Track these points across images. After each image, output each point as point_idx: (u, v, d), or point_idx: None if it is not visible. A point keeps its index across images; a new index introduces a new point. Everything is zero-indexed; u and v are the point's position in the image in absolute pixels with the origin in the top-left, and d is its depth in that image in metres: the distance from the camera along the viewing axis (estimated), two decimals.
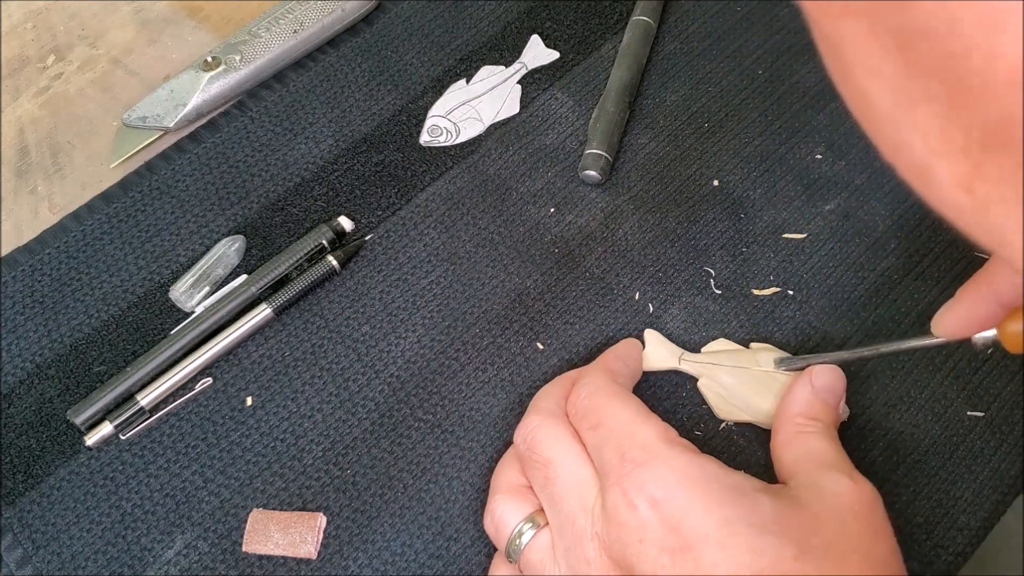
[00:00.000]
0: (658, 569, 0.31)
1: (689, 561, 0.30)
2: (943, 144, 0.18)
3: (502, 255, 0.46)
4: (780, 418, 0.38)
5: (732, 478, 0.32)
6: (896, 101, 0.18)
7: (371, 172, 0.48)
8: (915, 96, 0.18)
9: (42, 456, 0.42)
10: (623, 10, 0.53)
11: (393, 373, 0.43)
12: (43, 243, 0.47)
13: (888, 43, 0.18)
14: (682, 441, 0.33)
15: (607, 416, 0.34)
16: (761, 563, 0.30)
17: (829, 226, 0.46)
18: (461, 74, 0.51)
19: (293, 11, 0.52)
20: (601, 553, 0.32)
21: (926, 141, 0.18)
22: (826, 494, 0.33)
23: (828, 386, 0.38)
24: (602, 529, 0.32)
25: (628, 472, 0.32)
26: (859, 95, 0.19)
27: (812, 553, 0.30)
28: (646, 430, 0.33)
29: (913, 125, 0.18)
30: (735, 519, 0.31)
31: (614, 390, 0.36)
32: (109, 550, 0.39)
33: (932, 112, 0.18)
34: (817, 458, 0.35)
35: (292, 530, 0.39)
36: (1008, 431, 0.40)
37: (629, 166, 0.48)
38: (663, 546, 0.31)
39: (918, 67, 0.17)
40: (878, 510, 0.33)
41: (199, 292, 0.45)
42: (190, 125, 0.51)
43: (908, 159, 0.19)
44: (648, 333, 0.42)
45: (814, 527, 0.31)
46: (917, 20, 0.17)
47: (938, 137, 0.18)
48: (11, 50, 0.55)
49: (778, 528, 0.31)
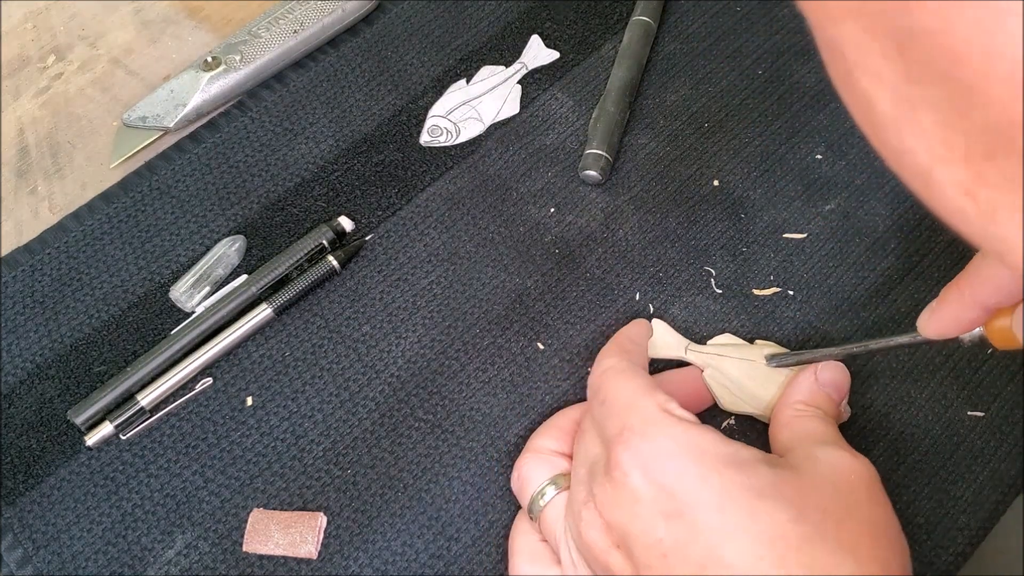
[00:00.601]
0: (653, 532, 0.31)
1: (684, 525, 0.31)
2: (945, 150, 0.18)
3: (502, 255, 0.46)
4: (780, 404, 0.38)
5: (729, 447, 0.33)
6: (898, 106, 0.18)
7: (371, 172, 0.48)
8: (916, 101, 0.18)
9: (42, 456, 0.42)
10: (623, 10, 0.53)
11: (393, 373, 0.43)
12: (43, 243, 0.47)
13: (889, 46, 0.18)
14: (681, 412, 0.34)
15: (612, 392, 0.35)
16: (757, 526, 0.30)
17: (829, 226, 0.46)
18: (461, 74, 0.51)
19: (293, 11, 0.52)
20: (597, 515, 0.33)
21: (928, 147, 0.18)
22: (822, 464, 0.33)
23: (832, 381, 0.38)
24: (599, 492, 0.33)
25: (626, 440, 0.33)
26: (861, 100, 0.19)
27: (809, 516, 0.31)
28: (646, 402, 0.34)
29: (915, 130, 0.18)
30: (731, 484, 0.31)
31: (622, 367, 0.36)
32: (109, 550, 0.39)
33: (934, 117, 0.18)
34: (814, 436, 0.36)
35: (292, 530, 0.39)
36: (1008, 431, 0.40)
37: (629, 166, 0.48)
38: (657, 510, 0.31)
39: (919, 70, 0.17)
40: (875, 482, 0.34)
41: (199, 292, 0.45)
42: (190, 125, 0.51)
43: (911, 165, 0.19)
44: (656, 322, 0.43)
45: (811, 492, 0.32)
46: (917, 20, 0.17)
47: (940, 143, 0.18)
48: (11, 50, 0.55)
49: (775, 493, 0.31)
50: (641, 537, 0.31)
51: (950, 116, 0.17)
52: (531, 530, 0.37)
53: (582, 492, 0.34)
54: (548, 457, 0.37)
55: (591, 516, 0.33)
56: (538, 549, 0.36)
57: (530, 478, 0.37)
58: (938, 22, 0.16)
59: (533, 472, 0.37)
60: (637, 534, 0.31)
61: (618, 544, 0.32)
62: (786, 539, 0.30)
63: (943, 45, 0.17)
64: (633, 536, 0.31)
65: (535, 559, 0.36)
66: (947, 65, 0.17)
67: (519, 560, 0.37)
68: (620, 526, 0.32)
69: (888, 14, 0.17)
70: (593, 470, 0.34)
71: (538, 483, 0.36)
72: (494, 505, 0.40)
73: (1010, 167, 0.17)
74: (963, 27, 0.16)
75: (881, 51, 0.18)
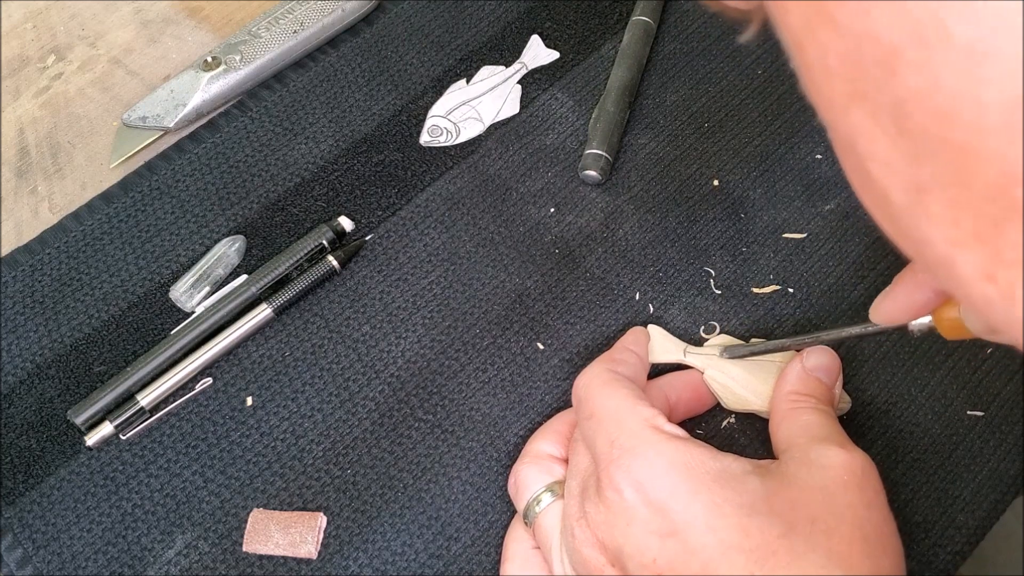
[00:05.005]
0: (647, 551, 0.31)
1: (678, 544, 0.31)
2: (959, 232, 0.17)
3: (502, 255, 0.46)
4: (774, 399, 0.38)
5: (719, 462, 0.33)
6: (908, 193, 0.18)
7: (371, 172, 0.48)
8: (925, 183, 0.17)
9: (42, 456, 0.42)
10: (623, 10, 0.53)
11: (393, 373, 0.43)
12: (43, 243, 0.47)
13: (890, 127, 0.17)
14: (670, 427, 0.34)
15: (598, 406, 0.35)
16: (749, 543, 0.30)
17: (829, 226, 0.46)
18: (461, 74, 0.51)
19: (293, 11, 0.52)
20: (589, 533, 0.33)
21: (943, 233, 0.18)
22: (815, 467, 0.33)
23: (820, 365, 0.38)
24: (591, 511, 0.33)
25: (616, 458, 0.33)
26: (878, 195, 0.19)
27: (799, 529, 0.31)
28: (634, 418, 0.34)
29: (928, 216, 0.18)
30: (722, 501, 0.31)
31: (605, 379, 0.36)
32: (109, 550, 0.39)
33: (942, 197, 0.17)
34: (809, 432, 0.36)
35: (292, 530, 0.39)
36: (1008, 431, 0.40)
37: (629, 166, 0.48)
38: (650, 529, 0.31)
39: (920, 145, 0.17)
40: (870, 479, 0.34)
41: (199, 292, 0.45)
42: (190, 125, 0.51)
43: (933, 258, 0.18)
44: (652, 327, 0.42)
45: (801, 503, 0.32)
46: (903, 83, 0.16)
47: (952, 225, 0.17)
48: (11, 50, 0.55)
49: (766, 507, 0.31)
50: (636, 556, 0.31)
51: (956, 191, 0.17)
52: (525, 537, 0.37)
53: (575, 507, 0.34)
54: (545, 463, 0.37)
55: (584, 534, 0.33)
56: (530, 556, 0.37)
57: (526, 484, 0.37)
58: (923, 79, 0.16)
59: (530, 478, 0.37)
60: (631, 553, 0.31)
61: (613, 562, 0.32)
62: (777, 556, 0.30)
63: (933, 107, 0.16)
64: (627, 555, 0.32)
65: (526, 566, 0.36)
66: (940, 129, 0.16)
67: (510, 566, 0.37)
68: (614, 545, 0.32)
69: (879, 84, 0.17)
70: (585, 485, 0.34)
71: (534, 490, 0.36)
72: (493, 505, 0.40)
73: (1019, 234, 0.16)
74: (948, 79, 0.15)
75: (885, 135, 0.17)
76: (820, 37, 0.17)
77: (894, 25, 0.16)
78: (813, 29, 0.18)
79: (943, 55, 0.15)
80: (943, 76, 0.15)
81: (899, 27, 0.15)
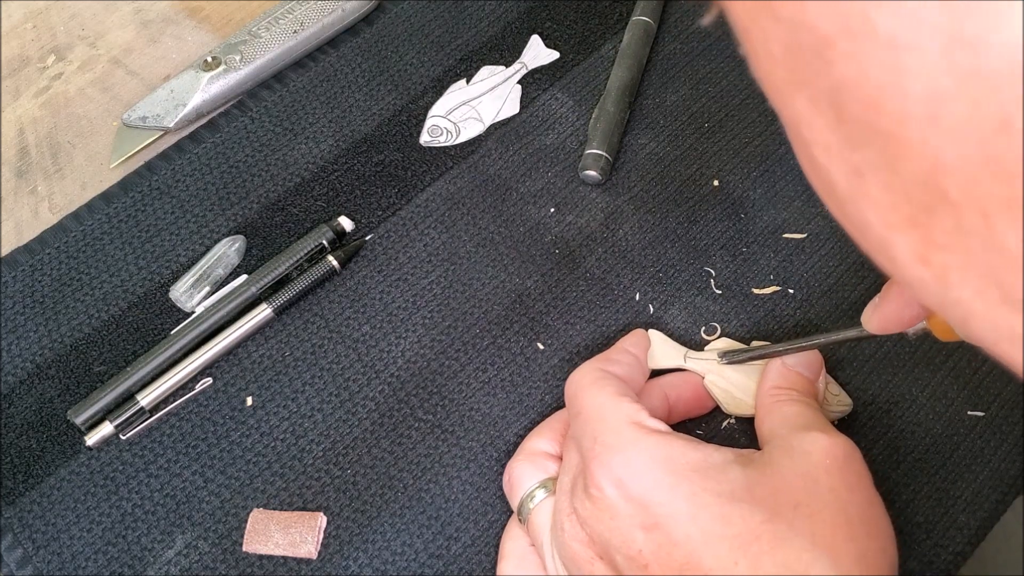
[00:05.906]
0: (632, 544, 0.32)
1: (662, 536, 0.31)
2: (893, 214, 0.17)
3: (502, 255, 0.46)
4: (758, 396, 0.39)
5: (699, 452, 0.33)
6: (848, 177, 0.18)
7: (371, 172, 0.48)
8: (863, 168, 0.17)
9: (42, 456, 0.42)
10: (623, 10, 0.53)
11: (393, 373, 0.43)
12: (43, 243, 0.47)
13: (829, 114, 0.17)
14: (652, 422, 0.34)
15: (584, 404, 0.35)
16: (731, 531, 0.31)
17: (829, 226, 0.46)
18: (461, 74, 0.51)
19: (293, 11, 0.52)
20: (579, 528, 0.33)
21: (880, 215, 0.18)
22: (796, 453, 0.34)
23: (799, 361, 0.39)
24: (579, 506, 0.33)
25: (598, 455, 0.33)
26: (823, 179, 0.19)
27: (782, 514, 0.31)
28: (616, 415, 0.34)
29: (867, 199, 0.18)
30: (702, 491, 0.31)
31: (593, 377, 0.36)
32: (109, 550, 0.39)
33: (877, 181, 0.17)
34: (791, 421, 0.36)
35: (292, 530, 0.39)
36: (1008, 431, 0.40)
37: (629, 166, 0.48)
38: (634, 523, 0.32)
39: (856, 132, 0.17)
40: (853, 462, 0.34)
41: (199, 292, 0.45)
42: (190, 125, 0.51)
43: (871, 239, 0.19)
44: (653, 332, 0.42)
45: (784, 489, 0.32)
46: (837, 72, 0.16)
47: (889, 209, 0.17)
48: (11, 50, 0.55)
49: (747, 495, 0.31)
50: (622, 549, 0.32)
51: (889, 177, 0.17)
52: (521, 535, 0.37)
53: (565, 503, 0.34)
54: (539, 460, 0.38)
55: (573, 528, 0.33)
56: (526, 555, 0.37)
57: (520, 481, 0.37)
58: (853, 69, 0.16)
59: (523, 475, 0.37)
60: (618, 546, 0.32)
61: (601, 555, 0.33)
62: (759, 541, 0.30)
63: (863, 96, 0.16)
64: (614, 547, 0.32)
65: (522, 564, 0.37)
66: (871, 117, 0.16)
67: (506, 564, 0.37)
68: (601, 539, 0.32)
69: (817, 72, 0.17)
70: (575, 482, 0.34)
71: (527, 486, 0.37)
72: (493, 505, 0.40)
73: (948, 220, 0.16)
74: (875, 70, 0.16)
75: (824, 121, 0.18)
76: (763, 25, 0.18)
77: (827, 16, 0.16)
78: (756, 17, 0.18)
79: (870, 47, 0.15)
80: (870, 67, 0.16)
81: (831, 18, 0.16)
